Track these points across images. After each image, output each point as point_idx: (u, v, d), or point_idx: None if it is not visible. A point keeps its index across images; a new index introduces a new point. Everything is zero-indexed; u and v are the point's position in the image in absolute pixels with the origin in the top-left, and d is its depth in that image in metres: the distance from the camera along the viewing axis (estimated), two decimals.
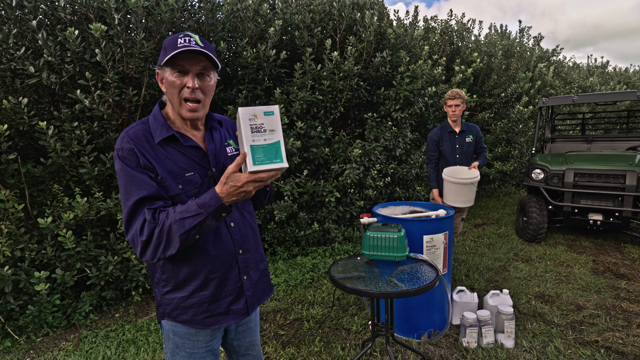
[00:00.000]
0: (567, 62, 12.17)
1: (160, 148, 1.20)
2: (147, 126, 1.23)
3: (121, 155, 1.16)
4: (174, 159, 1.21)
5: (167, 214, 1.11)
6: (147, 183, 1.14)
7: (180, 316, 1.28)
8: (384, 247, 2.21)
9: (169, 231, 1.09)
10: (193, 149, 1.25)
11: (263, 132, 1.08)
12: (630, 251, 4.61)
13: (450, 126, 3.65)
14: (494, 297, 2.95)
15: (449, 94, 3.55)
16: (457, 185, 3.31)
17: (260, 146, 1.07)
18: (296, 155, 4.25)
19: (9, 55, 3.00)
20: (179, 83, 1.17)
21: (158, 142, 1.20)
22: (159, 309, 1.32)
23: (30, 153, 3.38)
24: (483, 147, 3.73)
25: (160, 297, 1.29)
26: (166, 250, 1.11)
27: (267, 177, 1.05)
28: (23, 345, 2.82)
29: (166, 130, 1.21)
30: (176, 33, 1.20)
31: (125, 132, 1.20)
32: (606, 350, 2.58)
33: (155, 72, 1.22)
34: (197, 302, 1.27)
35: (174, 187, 1.19)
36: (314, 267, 4.15)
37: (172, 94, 1.19)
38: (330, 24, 4.93)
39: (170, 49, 1.14)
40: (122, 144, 1.16)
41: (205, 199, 1.08)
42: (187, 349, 1.31)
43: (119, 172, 1.16)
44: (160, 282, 1.28)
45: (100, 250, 3.23)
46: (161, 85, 1.22)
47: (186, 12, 3.87)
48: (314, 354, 2.61)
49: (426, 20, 7.05)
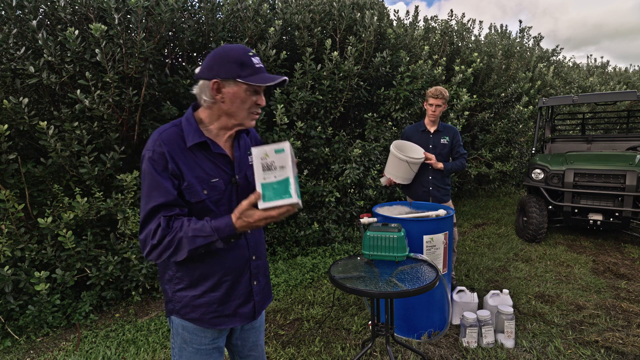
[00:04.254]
0: (567, 62, 12.17)
1: (190, 152, 1.24)
2: (179, 129, 1.25)
3: (151, 158, 1.19)
4: (202, 164, 1.25)
5: (181, 225, 1.16)
6: (169, 190, 1.18)
7: (189, 314, 1.31)
8: (384, 247, 2.21)
9: (179, 242, 1.15)
10: (221, 156, 1.29)
11: (273, 170, 1.14)
12: (630, 251, 4.61)
13: (425, 125, 3.43)
14: (494, 297, 2.95)
15: (432, 92, 3.28)
16: (396, 160, 3.23)
17: (270, 184, 1.13)
18: (296, 155, 4.25)
19: (9, 55, 3.00)
20: (253, 100, 1.25)
21: (189, 146, 1.23)
22: (168, 304, 1.35)
23: (31, 153, 3.38)
24: (461, 152, 3.43)
25: (172, 294, 1.32)
26: (171, 257, 1.17)
27: (277, 215, 1.13)
28: (23, 345, 2.82)
29: (198, 136, 1.24)
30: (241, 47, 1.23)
31: (158, 134, 1.22)
32: (606, 350, 2.58)
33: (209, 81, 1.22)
34: (207, 302, 1.31)
35: (199, 193, 1.23)
36: (314, 267, 4.15)
37: (239, 108, 1.24)
38: (330, 24, 4.93)
39: (251, 70, 1.20)
40: (154, 147, 1.19)
41: (220, 225, 1.15)
42: (195, 344, 1.34)
43: (146, 174, 1.20)
44: (174, 280, 1.31)
45: (100, 250, 3.23)
46: (215, 94, 1.22)
47: (186, 12, 3.87)
48: (314, 354, 2.61)
49: (426, 20, 7.05)
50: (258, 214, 1.12)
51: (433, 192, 3.38)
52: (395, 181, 3.35)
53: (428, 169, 3.36)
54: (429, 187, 3.39)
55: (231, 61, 1.20)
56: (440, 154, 3.39)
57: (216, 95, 1.23)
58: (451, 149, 3.44)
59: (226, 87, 1.22)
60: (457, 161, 3.41)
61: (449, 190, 3.46)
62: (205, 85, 1.23)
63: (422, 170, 3.37)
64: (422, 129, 3.44)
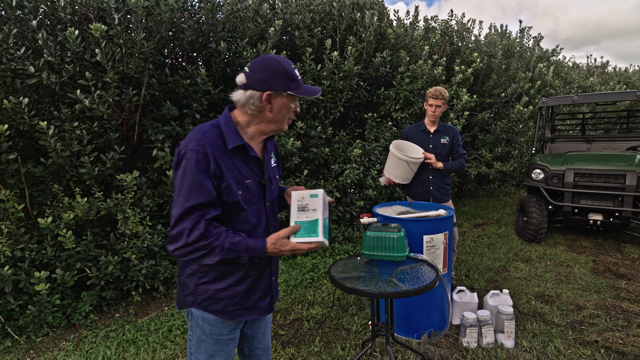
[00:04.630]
0: (567, 62, 12.17)
1: (229, 154, 1.32)
2: (219, 131, 1.32)
3: (195, 158, 1.24)
4: (238, 166, 1.34)
5: (219, 235, 1.25)
6: (209, 191, 1.25)
7: (211, 306, 1.37)
8: (384, 247, 2.21)
9: (212, 249, 1.25)
10: (254, 159, 1.39)
11: (306, 211, 1.37)
12: (630, 251, 4.61)
13: (425, 125, 3.43)
14: (494, 297, 2.95)
15: (432, 92, 3.28)
16: (396, 159, 3.23)
17: (301, 222, 1.36)
18: (296, 155, 4.25)
19: (9, 55, 3.00)
20: (293, 108, 1.39)
21: (230, 149, 1.31)
22: (188, 297, 1.39)
23: (31, 153, 3.38)
24: (460, 152, 3.42)
25: (194, 287, 1.37)
26: (199, 260, 1.27)
27: (305, 249, 1.34)
28: (23, 345, 2.82)
29: (239, 139, 1.33)
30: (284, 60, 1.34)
31: (201, 134, 1.28)
32: (606, 350, 2.58)
33: None
34: (230, 295, 1.38)
35: (235, 193, 1.32)
36: (314, 267, 4.15)
37: (284, 116, 1.37)
38: (330, 24, 4.93)
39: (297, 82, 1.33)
40: (198, 147, 1.25)
41: (255, 246, 1.29)
42: (214, 335, 1.40)
43: (187, 172, 1.24)
44: (197, 273, 1.36)
45: (100, 250, 3.23)
46: (265, 104, 1.32)
47: (186, 12, 3.87)
48: (314, 354, 2.61)
49: (426, 20, 7.05)
50: (290, 244, 1.32)
51: (433, 192, 3.39)
52: (394, 181, 3.35)
53: (428, 169, 3.36)
54: (429, 187, 3.39)
55: (283, 75, 1.30)
56: (440, 154, 3.38)
57: (266, 105, 1.32)
58: (451, 148, 3.43)
59: (276, 98, 1.32)
60: (457, 161, 3.41)
61: (449, 190, 3.47)
62: (255, 96, 1.31)
63: (423, 170, 3.37)
64: (422, 129, 3.44)
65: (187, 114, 3.74)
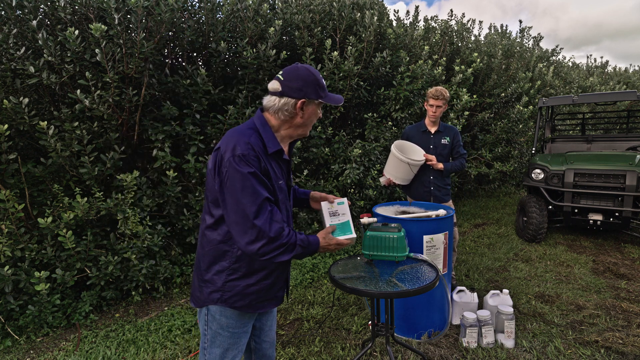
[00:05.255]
0: (567, 63, 12.16)
1: (268, 157, 1.41)
2: (259, 135, 1.41)
3: (248, 161, 1.32)
4: (275, 168, 1.43)
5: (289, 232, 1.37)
6: (268, 186, 1.36)
7: (238, 302, 1.43)
8: (384, 247, 2.21)
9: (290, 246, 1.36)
10: (285, 162, 1.51)
11: (337, 216, 1.71)
12: (630, 251, 4.61)
13: (425, 125, 3.43)
14: (494, 297, 2.95)
15: (433, 92, 3.26)
16: (397, 161, 3.23)
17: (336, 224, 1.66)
18: (296, 155, 4.25)
19: (9, 55, 3.00)
20: (319, 113, 1.50)
21: (270, 153, 1.41)
22: (213, 294, 1.42)
23: (31, 153, 3.38)
24: (461, 152, 3.42)
25: (223, 284, 1.41)
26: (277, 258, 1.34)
27: (346, 243, 1.56)
28: (23, 345, 2.82)
29: (277, 144, 1.43)
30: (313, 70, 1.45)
31: (246, 138, 1.35)
32: (606, 350, 2.58)
33: None
34: (258, 290, 1.45)
35: (275, 193, 1.42)
36: (314, 267, 4.15)
37: (311, 121, 1.48)
38: (330, 24, 4.93)
39: (324, 90, 1.45)
40: (247, 150, 1.32)
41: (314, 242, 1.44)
42: (231, 328, 1.46)
43: (246, 174, 1.30)
44: (227, 270, 1.41)
45: (100, 250, 3.23)
46: (298, 111, 1.42)
47: (186, 12, 3.87)
48: (314, 354, 2.61)
49: (426, 20, 7.05)
50: (336, 240, 1.52)
51: (434, 192, 3.39)
52: (394, 181, 3.35)
53: (429, 169, 3.36)
54: (430, 187, 3.39)
55: (315, 84, 1.42)
56: (440, 154, 3.39)
57: (299, 112, 1.42)
58: (451, 149, 3.44)
59: (308, 106, 1.43)
60: (457, 161, 3.41)
61: (449, 190, 3.48)
62: (290, 103, 1.40)
63: (423, 170, 3.37)
64: (422, 129, 3.44)
65: (187, 114, 3.74)
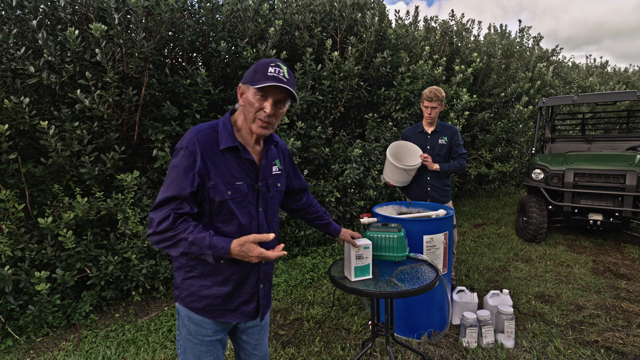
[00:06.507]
0: (567, 63, 12.16)
1: (221, 155, 1.34)
2: (215, 132, 1.35)
3: (182, 154, 1.29)
4: (230, 167, 1.35)
5: (186, 228, 1.24)
6: (184, 187, 1.26)
7: (194, 303, 1.38)
8: (384, 247, 2.22)
9: (177, 241, 1.23)
10: (248, 162, 1.39)
11: (362, 259, 1.95)
12: (630, 251, 4.61)
13: (422, 126, 3.39)
14: (494, 297, 2.95)
15: (427, 94, 3.21)
16: (392, 166, 3.23)
17: (359, 267, 1.95)
18: (296, 155, 4.25)
19: (9, 55, 3.00)
20: (258, 105, 1.31)
21: (222, 149, 1.33)
22: (175, 290, 1.42)
23: (31, 153, 3.38)
24: (460, 152, 3.33)
25: (181, 281, 1.39)
26: (166, 250, 1.26)
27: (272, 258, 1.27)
28: (23, 345, 2.82)
29: (232, 140, 1.34)
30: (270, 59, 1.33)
31: (195, 132, 1.32)
32: (606, 350, 2.58)
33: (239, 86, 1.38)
34: (214, 295, 1.38)
35: (224, 193, 1.32)
36: (314, 267, 4.15)
37: (248, 111, 1.33)
38: (330, 24, 4.93)
39: (261, 76, 1.28)
40: (189, 144, 1.29)
41: (218, 245, 1.22)
42: (199, 336, 1.41)
43: (173, 166, 1.29)
44: (185, 267, 1.38)
45: (100, 250, 3.23)
46: (240, 98, 1.36)
47: (186, 12, 3.87)
48: (314, 354, 2.61)
49: (426, 20, 7.05)
50: (258, 251, 1.23)
51: (431, 193, 3.34)
52: (392, 184, 3.36)
53: (426, 170, 3.32)
54: (427, 188, 3.35)
55: (252, 69, 1.32)
56: (438, 155, 3.33)
57: (240, 99, 1.36)
58: (450, 149, 3.36)
59: (245, 92, 1.34)
60: (455, 162, 3.32)
61: (448, 191, 3.40)
62: None
63: (420, 171, 3.34)
64: (419, 130, 3.41)
65: (187, 114, 3.74)
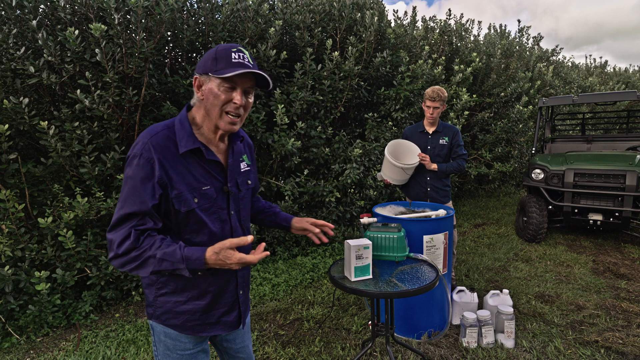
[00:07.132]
0: (567, 62, 12.16)
1: (182, 159, 1.17)
2: (172, 132, 1.18)
3: (136, 163, 1.12)
4: (193, 171, 1.19)
5: (152, 244, 1.09)
6: (144, 201, 1.11)
7: (170, 320, 1.27)
8: (384, 247, 2.21)
9: (145, 260, 1.08)
10: (214, 163, 1.24)
11: (362, 259, 1.93)
12: (630, 251, 4.61)
13: (424, 126, 3.38)
14: (494, 297, 2.95)
15: (429, 94, 3.20)
16: (390, 164, 3.23)
17: (359, 267, 1.93)
18: (296, 155, 4.26)
19: (9, 55, 3.00)
20: (225, 97, 1.15)
21: (182, 153, 1.17)
22: (148, 308, 1.30)
23: (31, 153, 3.38)
24: (460, 153, 3.32)
25: (153, 299, 1.27)
26: (133, 271, 1.11)
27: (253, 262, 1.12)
28: (23, 345, 2.82)
29: (192, 142, 1.18)
30: (229, 44, 1.18)
31: (149, 136, 1.14)
32: (606, 350, 2.58)
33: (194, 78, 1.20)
34: (191, 310, 1.27)
35: (190, 202, 1.17)
36: (314, 267, 4.15)
37: (213, 105, 1.16)
38: (330, 24, 4.93)
39: (224, 64, 1.13)
40: (142, 151, 1.12)
41: (192, 256, 1.08)
42: (179, 350, 1.30)
43: (128, 177, 1.13)
44: (156, 284, 1.25)
45: (100, 250, 3.23)
46: (196, 91, 1.19)
47: (186, 12, 3.87)
48: (314, 354, 2.61)
49: (425, 20, 7.05)
50: (237, 256, 1.08)
51: (431, 193, 3.34)
52: (390, 182, 3.35)
53: (426, 170, 3.31)
54: (426, 188, 3.34)
55: (210, 57, 1.15)
56: (438, 155, 3.32)
57: (198, 93, 1.19)
58: (450, 149, 3.35)
59: (205, 84, 1.16)
60: (455, 162, 3.31)
61: (448, 191, 3.39)
62: None
63: (420, 171, 3.33)
64: (420, 130, 3.40)
65: None
